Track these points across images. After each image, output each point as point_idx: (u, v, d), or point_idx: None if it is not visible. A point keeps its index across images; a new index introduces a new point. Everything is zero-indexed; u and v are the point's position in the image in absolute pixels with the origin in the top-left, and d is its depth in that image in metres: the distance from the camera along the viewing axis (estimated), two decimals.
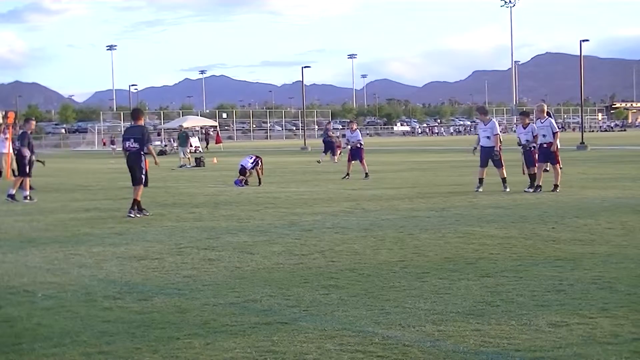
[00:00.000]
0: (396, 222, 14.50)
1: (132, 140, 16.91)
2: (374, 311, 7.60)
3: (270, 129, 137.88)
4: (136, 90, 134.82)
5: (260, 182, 24.79)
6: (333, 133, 45.09)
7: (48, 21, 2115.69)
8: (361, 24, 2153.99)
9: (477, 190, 20.33)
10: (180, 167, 39.95)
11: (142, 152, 16.84)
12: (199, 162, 41.84)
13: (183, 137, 45.40)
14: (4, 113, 52.01)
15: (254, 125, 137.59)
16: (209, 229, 14.30)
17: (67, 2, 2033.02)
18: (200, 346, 6.56)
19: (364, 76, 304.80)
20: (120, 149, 21.57)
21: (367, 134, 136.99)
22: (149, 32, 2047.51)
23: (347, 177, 26.95)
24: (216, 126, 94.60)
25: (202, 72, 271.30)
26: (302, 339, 6.68)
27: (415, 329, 6.92)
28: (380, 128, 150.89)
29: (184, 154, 42.89)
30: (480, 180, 20.73)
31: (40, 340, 6.89)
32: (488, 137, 20.82)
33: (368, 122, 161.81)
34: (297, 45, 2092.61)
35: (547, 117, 20.90)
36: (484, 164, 20.85)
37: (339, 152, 42.76)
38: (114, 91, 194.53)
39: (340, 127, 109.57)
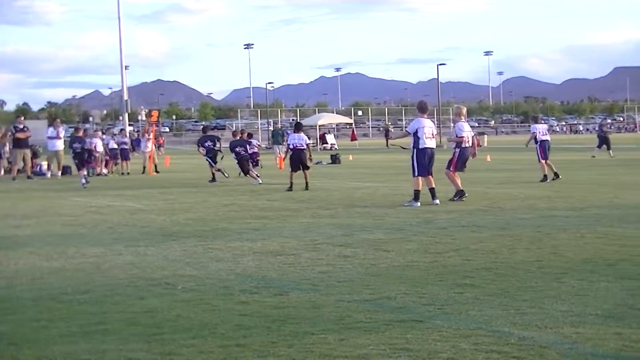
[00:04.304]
0: (533, 222, 14.24)
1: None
2: (509, 311, 7.49)
3: (405, 127, 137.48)
4: (273, 88, 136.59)
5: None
6: (608, 129, 44.52)
7: (188, 21, 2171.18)
8: (498, 20, 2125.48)
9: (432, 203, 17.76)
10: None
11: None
12: (334, 159, 42.10)
13: (278, 135, 45.13)
14: (147, 111, 53.65)
15: (389, 123, 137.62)
16: (344, 226, 14.37)
17: (207, 2, 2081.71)
18: (335, 342, 6.59)
19: (500, 73, 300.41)
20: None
21: (504, 131, 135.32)
22: (285, 31, 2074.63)
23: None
24: (352, 123, 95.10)
25: (338, 69, 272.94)
26: (436, 337, 6.64)
27: (552, 331, 6.78)
28: (517, 126, 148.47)
29: (279, 152, 41.17)
30: (431, 191, 17.95)
31: (180, 331, 7.07)
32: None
33: (504, 120, 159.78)
34: (433, 42, 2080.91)
35: (462, 120, 19.55)
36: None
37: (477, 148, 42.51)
38: (251, 89, 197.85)
39: (477, 125, 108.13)
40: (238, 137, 29.69)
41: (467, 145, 19.12)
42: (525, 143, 26.15)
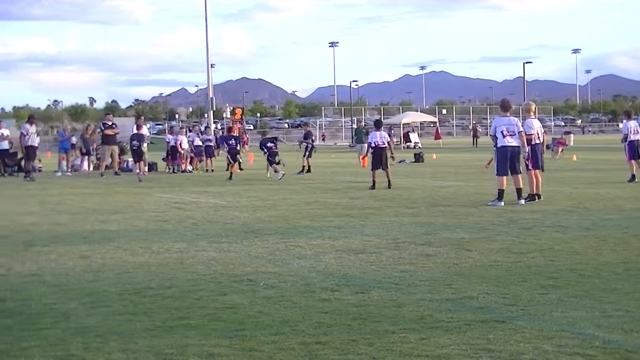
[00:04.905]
0: (620, 223, 13.97)
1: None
2: (594, 313, 7.36)
3: (489, 126, 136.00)
4: (357, 86, 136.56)
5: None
6: None
7: (273, 19, 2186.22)
8: (586, 17, 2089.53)
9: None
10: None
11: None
12: (418, 158, 41.98)
13: (361, 133, 44.60)
14: (232, 109, 54.21)
15: (474, 122, 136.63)
16: (426, 225, 14.30)
17: (291, 0, 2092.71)
18: (415, 341, 6.57)
19: (588, 71, 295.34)
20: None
21: (590, 131, 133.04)
22: (369, 29, 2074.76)
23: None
24: (436, 122, 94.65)
25: (423, 68, 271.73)
26: (518, 339, 6.55)
27: (638, 335, 6.63)
28: (605, 125, 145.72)
29: (362, 150, 39.46)
30: (518, 191, 17.73)
31: (261, 327, 7.11)
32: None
33: (592, 119, 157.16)
34: (518, 40, 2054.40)
35: (531, 116, 19.05)
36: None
37: (560, 149, 41.94)
38: (336, 87, 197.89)
39: (563, 124, 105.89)
40: (268, 136, 32.54)
41: (537, 141, 18.81)
42: (621, 140, 25.12)
